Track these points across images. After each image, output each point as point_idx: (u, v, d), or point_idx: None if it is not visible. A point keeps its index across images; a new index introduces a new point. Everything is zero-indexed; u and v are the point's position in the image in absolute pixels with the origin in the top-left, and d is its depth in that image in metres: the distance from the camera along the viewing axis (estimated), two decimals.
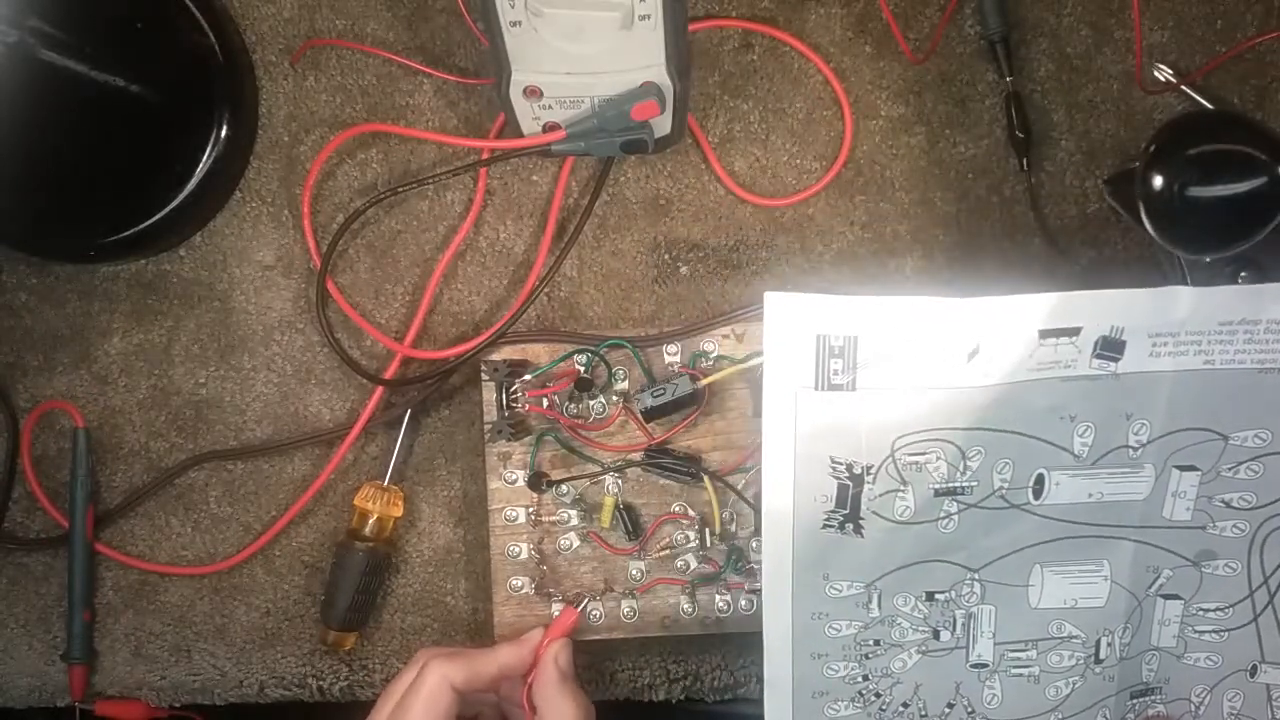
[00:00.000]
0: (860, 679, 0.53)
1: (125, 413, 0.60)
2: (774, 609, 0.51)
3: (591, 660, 0.58)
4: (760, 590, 0.52)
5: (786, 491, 0.49)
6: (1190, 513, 0.51)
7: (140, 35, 0.56)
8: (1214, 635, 0.53)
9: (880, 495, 0.49)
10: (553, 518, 0.56)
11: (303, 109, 0.58)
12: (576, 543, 0.56)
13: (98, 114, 0.56)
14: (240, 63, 0.57)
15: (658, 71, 0.49)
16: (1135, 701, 0.54)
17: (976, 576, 0.51)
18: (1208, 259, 0.49)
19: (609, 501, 0.55)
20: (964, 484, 0.49)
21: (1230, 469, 0.50)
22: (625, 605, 0.56)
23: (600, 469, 0.55)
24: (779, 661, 0.52)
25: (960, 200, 0.57)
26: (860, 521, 0.50)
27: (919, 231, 0.57)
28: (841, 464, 0.49)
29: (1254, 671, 0.53)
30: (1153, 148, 0.46)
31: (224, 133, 0.57)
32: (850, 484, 0.49)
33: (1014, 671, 0.53)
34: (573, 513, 0.56)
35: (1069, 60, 0.56)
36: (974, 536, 0.50)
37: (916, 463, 0.49)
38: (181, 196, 0.56)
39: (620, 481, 0.56)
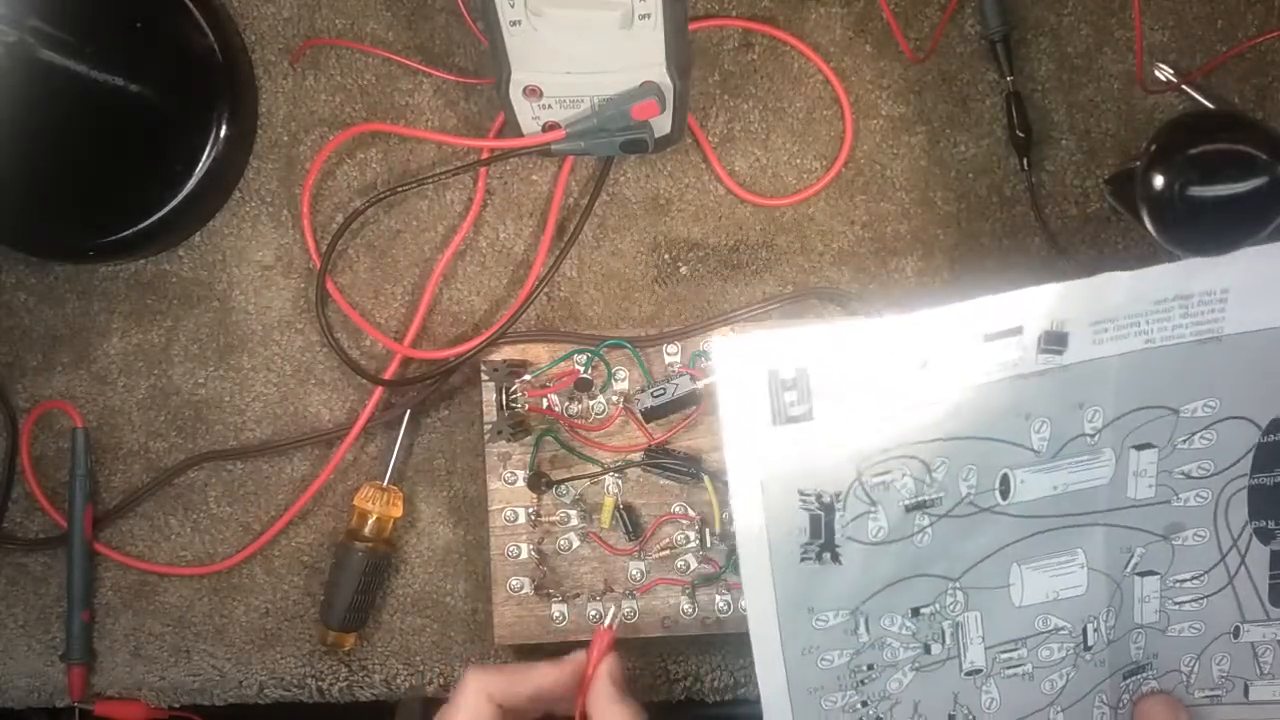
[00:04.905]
0: (859, 705, 0.52)
1: (124, 413, 0.60)
2: (765, 654, 0.50)
3: None
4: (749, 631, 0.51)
5: (760, 531, 0.49)
6: (1153, 489, 0.51)
7: (140, 35, 0.56)
8: (1194, 604, 0.53)
9: (852, 520, 0.49)
10: (553, 518, 0.56)
11: (302, 109, 0.58)
12: (576, 543, 0.56)
13: (98, 114, 0.56)
14: (240, 63, 0.57)
15: (658, 71, 0.49)
16: (1128, 681, 0.54)
17: (957, 585, 0.51)
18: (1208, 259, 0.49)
19: (609, 501, 0.55)
20: (932, 496, 0.49)
21: (1185, 440, 0.50)
22: (625, 605, 0.56)
23: (600, 469, 0.55)
24: (778, 706, 0.51)
25: (960, 200, 0.57)
26: (836, 549, 0.49)
27: (919, 231, 0.57)
28: (810, 495, 0.48)
29: (1236, 633, 0.53)
30: (1153, 147, 0.46)
31: (224, 133, 0.57)
32: (822, 513, 0.49)
33: (1008, 673, 0.53)
34: (573, 513, 0.56)
35: (1069, 60, 0.56)
36: (949, 546, 0.50)
37: (883, 482, 0.49)
38: (181, 196, 0.56)
39: (620, 481, 0.55)
